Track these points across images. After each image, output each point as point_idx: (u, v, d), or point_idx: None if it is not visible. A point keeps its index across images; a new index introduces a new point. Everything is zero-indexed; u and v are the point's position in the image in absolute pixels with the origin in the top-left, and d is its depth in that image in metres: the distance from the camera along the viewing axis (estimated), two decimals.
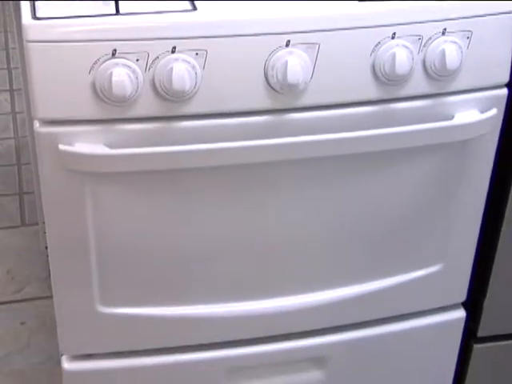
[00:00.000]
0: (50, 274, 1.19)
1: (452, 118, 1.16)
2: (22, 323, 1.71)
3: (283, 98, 1.08)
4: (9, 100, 2.39)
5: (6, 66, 2.53)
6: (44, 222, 1.15)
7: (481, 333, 1.42)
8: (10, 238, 1.93)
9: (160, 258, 1.18)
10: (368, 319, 1.34)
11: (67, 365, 1.27)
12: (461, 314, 1.40)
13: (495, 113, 1.17)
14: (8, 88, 2.44)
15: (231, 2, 1.07)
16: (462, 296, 1.38)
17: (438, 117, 1.15)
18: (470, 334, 1.43)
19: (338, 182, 1.18)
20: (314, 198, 1.18)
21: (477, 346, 1.44)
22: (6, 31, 2.67)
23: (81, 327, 1.23)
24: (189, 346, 1.29)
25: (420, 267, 1.30)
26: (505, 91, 1.18)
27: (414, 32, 1.09)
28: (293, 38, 1.05)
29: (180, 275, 1.21)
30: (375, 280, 1.29)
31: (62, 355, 1.28)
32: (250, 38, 1.04)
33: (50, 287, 1.23)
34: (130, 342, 1.26)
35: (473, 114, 1.16)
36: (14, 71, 2.50)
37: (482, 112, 1.16)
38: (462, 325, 1.41)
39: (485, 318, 1.40)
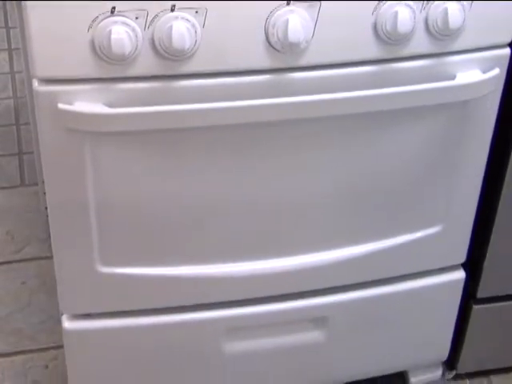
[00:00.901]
0: (49, 234, 1.19)
1: (454, 77, 1.15)
2: (23, 283, 1.72)
3: (284, 57, 1.07)
4: (7, 60, 2.38)
5: (4, 25, 2.50)
6: (44, 182, 1.15)
7: (480, 294, 1.43)
8: (9, 198, 1.93)
9: (160, 218, 1.18)
10: (368, 280, 1.34)
11: (67, 324, 1.28)
12: (460, 275, 1.40)
13: (497, 73, 1.16)
14: (6, 47, 2.42)
15: None
16: (462, 257, 1.38)
17: (439, 77, 1.14)
18: (469, 295, 1.43)
19: (338, 142, 1.17)
20: (315, 158, 1.18)
21: (476, 307, 1.44)
22: None
23: (81, 287, 1.23)
24: (188, 306, 1.29)
25: (420, 228, 1.30)
26: (507, 51, 1.17)
27: None
28: None
29: (179, 235, 1.21)
30: (375, 241, 1.29)
31: (62, 314, 1.29)
32: None
33: (50, 247, 1.23)
34: (129, 301, 1.26)
35: (475, 74, 1.15)
36: (12, 30, 2.48)
37: (484, 72, 1.15)
38: (461, 286, 1.41)
39: (484, 279, 1.41)
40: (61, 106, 1.05)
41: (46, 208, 1.20)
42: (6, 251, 1.78)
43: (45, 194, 1.16)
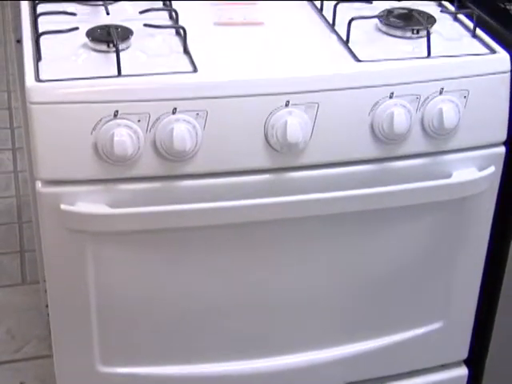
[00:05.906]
0: (50, 333, 1.19)
1: (450, 176, 1.16)
2: (22, 383, 1.69)
3: (283, 157, 1.09)
4: (11, 159, 2.40)
5: (8, 126, 2.55)
6: (45, 281, 1.15)
7: None
8: (10, 296, 1.92)
9: (161, 318, 1.18)
10: (369, 377, 1.33)
11: None
12: (463, 371, 1.39)
13: (493, 171, 1.17)
14: (10, 147, 2.46)
15: (231, 62, 1.08)
16: (464, 353, 1.37)
17: (436, 175, 1.16)
18: None
19: (337, 240, 1.18)
20: (314, 256, 1.18)
21: None
22: (9, 91, 2.70)
23: None
24: None
25: (421, 325, 1.30)
26: (502, 149, 1.19)
27: (411, 91, 1.10)
28: (292, 98, 1.06)
29: (180, 335, 1.20)
30: (376, 338, 1.28)
31: None
32: (249, 98, 1.05)
33: (50, 346, 1.23)
34: None
35: (471, 172, 1.17)
36: (16, 130, 2.52)
37: (480, 170, 1.17)
38: (464, 382, 1.39)
39: (487, 375, 1.39)
40: (63, 206, 1.05)
41: (47, 306, 1.20)
42: (5, 351, 1.76)
43: (46, 292, 1.16)
